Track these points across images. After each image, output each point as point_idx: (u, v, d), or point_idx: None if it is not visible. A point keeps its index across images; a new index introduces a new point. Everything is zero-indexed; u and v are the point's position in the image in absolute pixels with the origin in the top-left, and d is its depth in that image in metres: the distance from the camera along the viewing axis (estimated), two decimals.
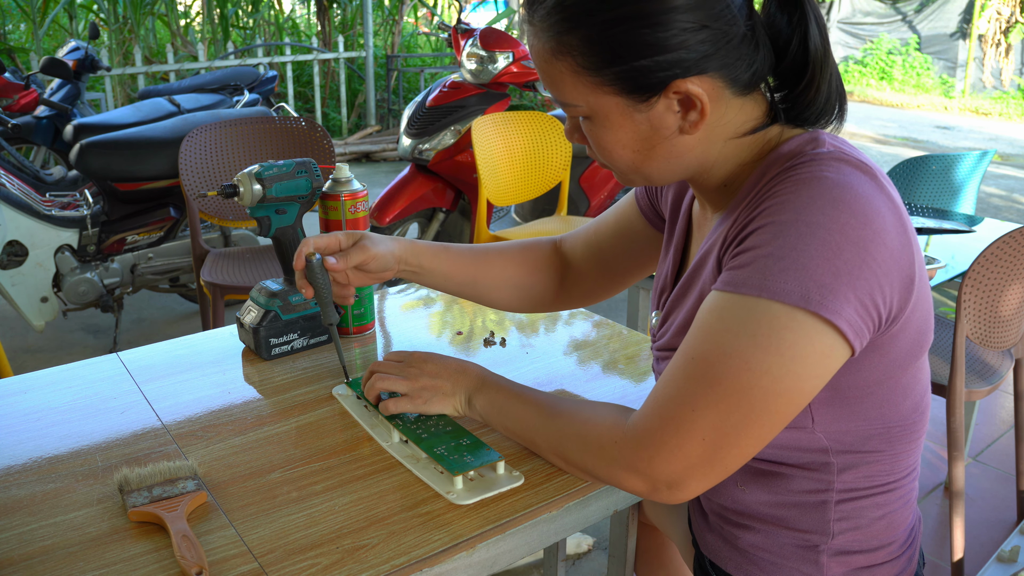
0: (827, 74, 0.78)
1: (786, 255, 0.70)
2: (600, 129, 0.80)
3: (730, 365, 0.71)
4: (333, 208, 1.19)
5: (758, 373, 0.70)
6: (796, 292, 0.69)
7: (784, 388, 0.71)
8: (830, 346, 0.71)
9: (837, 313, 0.69)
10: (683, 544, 1.14)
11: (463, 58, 3.09)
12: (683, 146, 0.79)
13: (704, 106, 0.75)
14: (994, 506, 2.19)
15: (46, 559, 0.75)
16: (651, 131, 0.78)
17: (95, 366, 1.14)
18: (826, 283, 0.69)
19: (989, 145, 7.93)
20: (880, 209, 0.71)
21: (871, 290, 0.70)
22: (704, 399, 0.72)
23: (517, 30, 8.99)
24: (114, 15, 7.12)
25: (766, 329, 0.70)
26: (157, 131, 2.85)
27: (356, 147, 6.56)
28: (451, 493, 0.84)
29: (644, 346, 1.23)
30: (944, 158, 2.78)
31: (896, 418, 0.82)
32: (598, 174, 3.46)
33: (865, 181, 0.73)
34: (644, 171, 0.82)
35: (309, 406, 1.04)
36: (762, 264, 0.71)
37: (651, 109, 0.76)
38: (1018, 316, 1.76)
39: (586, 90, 0.77)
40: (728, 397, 0.71)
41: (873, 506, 0.85)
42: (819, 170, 0.73)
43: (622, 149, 0.80)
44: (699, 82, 0.75)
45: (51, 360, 2.95)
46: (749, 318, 0.71)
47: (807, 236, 0.69)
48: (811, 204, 0.70)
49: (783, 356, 0.70)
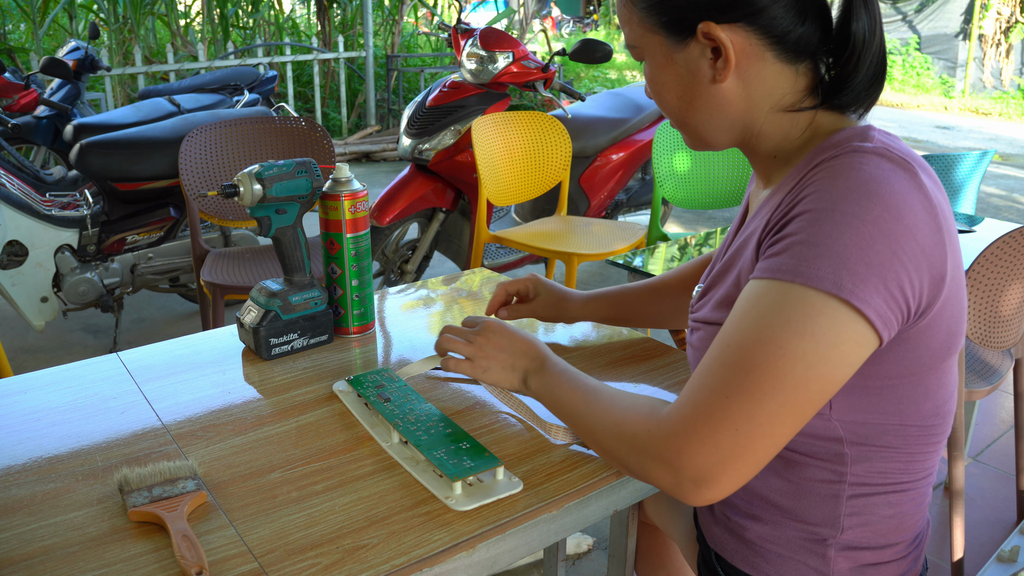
0: (867, 59, 0.80)
1: (821, 242, 0.71)
2: (652, 70, 0.86)
3: (765, 351, 0.71)
4: (333, 208, 1.19)
5: (792, 359, 0.70)
6: (829, 279, 0.70)
7: (818, 375, 0.71)
8: (862, 334, 0.71)
9: (867, 302, 0.70)
10: (684, 543, 1.14)
11: (463, 58, 3.09)
12: (720, 97, 0.83)
13: (729, 53, 0.79)
14: (994, 506, 2.19)
15: (46, 559, 0.75)
16: (688, 75, 0.83)
17: (95, 366, 1.14)
18: (858, 272, 0.70)
19: (989, 145, 7.93)
20: (913, 205, 0.72)
21: (900, 282, 0.71)
22: (738, 386, 0.72)
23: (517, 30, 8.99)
24: (114, 15, 7.12)
25: (801, 315, 0.71)
26: (157, 131, 2.85)
27: (356, 147, 6.56)
28: (450, 499, 0.84)
29: (644, 346, 1.23)
30: (944, 158, 2.78)
31: (915, 418, 0.81)
32: (598, 174, 3.46)
33: (903, 178, 0.74)
34: (690, 122, 0.87)
35: (309, 406, 1.04)
36: (797, 251, 0.72)
37: (686, 50, 0.82)
38: (1018, 316, 1.76)
39: (640, 29, 0.84)
40: (763, 384, 0.71)
41: (885, 504, 0.85)
42: (858, 162, 0.74)
43: (668, 93, 0.86)
44: (730, 31, 0.79)
45: (51, 360, 2.95)
46: (784, 304, 0.72)
47: (842, 225, 0.71)
48: (847, 195, 0.72)
49: (818, 342, 0.70)
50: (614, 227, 2.96)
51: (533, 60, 3.07)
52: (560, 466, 0.91)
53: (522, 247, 2.77)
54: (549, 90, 3.15)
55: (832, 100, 0.83)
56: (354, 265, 1.22)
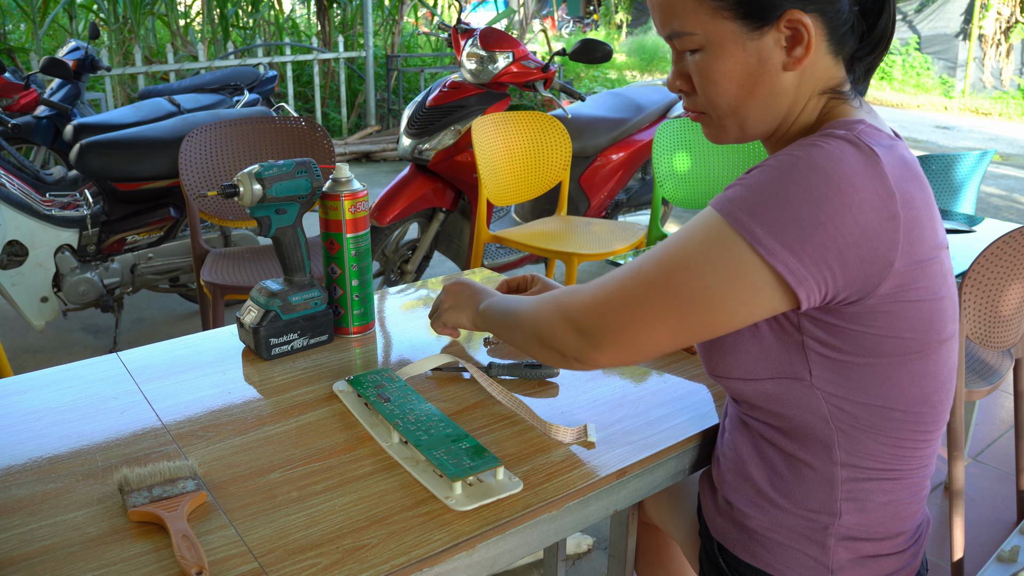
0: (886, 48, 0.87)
1: (753, 191, 0.77)
2: (711, 59, 0.84)
3: (673, 259, 0.80)
4: (333, 208, 1.19)
5: (690, 274, 0.79)
6: (745, 223, 0.76)
7: (708, 297, 0.79)
8: (763, 282, 0.77)
9: (772, 254, 0.75)
10: (685, 540, 1.14)
11: (463, 58, 3.08)
12: (781, 86, 0.84)
13: (810, 41, 0.81)
14: (994, 506, 2.19)
15: (46, 559, 0.75)
16: (758, 64, 0.83)
17: (95, 366, 1.14)
18: (774, 227, 0.75)
19: (989, 145, 7.93)
20: (861, 187, 0.75)
21: (824, 250, 0.75)
22: (642, 276, 0.81)
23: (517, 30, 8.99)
24: (114, 15, 7.12)
25: (712, 242, 0.78)
26: (157, 131, 2.85)
27: (356, 147, 6.56)
28: (450, 499, 0.84)
29: None
30: (944, 158, 2.78)
31: (899, 402, 0.84)
32: (598, 174, 3.46)
33: (858, 161, 0.77)
34: (742, 112, 0.87)
35: (309, 406, 1.04)
36: (734, 192, 0.79)
37: (762, 39, 0.82)
38: (1018, 316, 1.76)
39: (705, 16, 0.83)
40: (659, 280, 0.80)
41: (879, 491, 0.87)
42: (823, 142, 0.78)
43: (728, 82, 0.85)
44: (809, 18, 0.81)
45: (51, 360, 2.95)
46: (705, 227, 0.79)
47: (776, 183, 0.76)
48: (796, 163, 0.77)
49: (717, 271, 0.78)
50: (614, 227, 2.96)
51: (533, 60, 3.07)
52: (560, 466, 0.91)
53: (522, 247, 2.77)
54: (549, 90, 3.15)
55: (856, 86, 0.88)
56: (354, 265, 1.22)
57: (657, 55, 12.42)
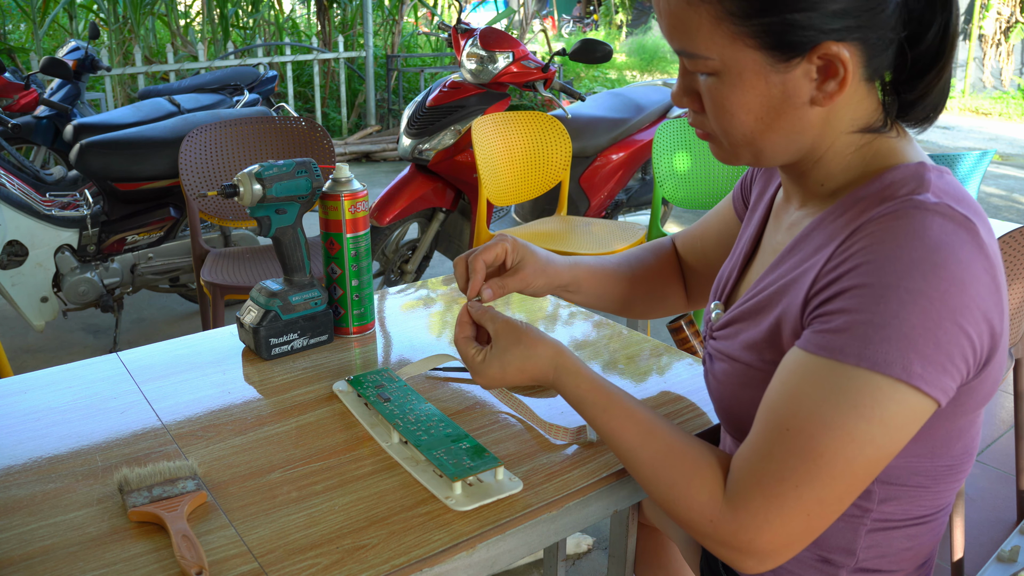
0: (949, 68, 0.74)
1: (887, 323, 0.67)
2: (727, 88, 0.74)
3: (833, 437, 0.68)
4: (333, 208, 1.19)
5: (862, 443, 0.68)
6: (898, 363, 0.67)
7: (886, 454, 0.70)
8: (926, 411, 0.70)
9: (935, 384, 0.68)
10: (685, 544, 1.14)
11: (463, 58, 3.08)
12: (807, 121, 0.75)
13: (847, 76, 0.71)
14: (994, 506, 2.19)
15: (46, 559, 0.75)
16: (782, 97, 0.73)
17: (95, 366, 1.14)
18: (928, 354, 0.67)
19: (989, 145, 7.92)
20: (978, 273, 0.68)
21: (965, 354, 0.69)
22: (807, 474, 0.69)
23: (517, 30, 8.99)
24: (114, 15, 7.12)
25: (869, 400, 0.67)
26: (157, 131, 2.85)
27: (356, 147, 6.56)
28: (450, 499, 0.84)
29: (644, 346, 1.23)
30: (944, 158, 2.78)
31: (946, 458, 0.80)
32: (598, 174, 3.46)
33: (966, 241, 0.69)
34: (758, 144, 0.77)
35: (309, 406, 1.04)
36: (861, 331, 0.68)
37: (789, 72, 0.71)
38: (1018, 316, 1.75)
39: (724, 41, 0.71)
40: (831, 468, 0.69)
41: (904, 537, 0.83)
42: (921, 227, 0.69)
43: (746, 114, 0.75)
44: (845, 48, 0.70)
45: (51, 360, 2.95)
46: (849, 387, 0.68)
47: (909, 304, 0.66)
48: (912, 269, 0.67)
49: (887, 426, 0.68)
50: (614, 227, 2.96)
51: (533, 60, 3.08)
52: (560, 466, 0.91)
53: None
54: (549, 90, 3.15)
55: (902, 118, 0.77)
56: (354, 265, 1.22)
57: (657, 55, 12.42)
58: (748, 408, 0.81)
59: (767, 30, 0.70)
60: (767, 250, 0.91)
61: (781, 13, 0.69)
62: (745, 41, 0.71)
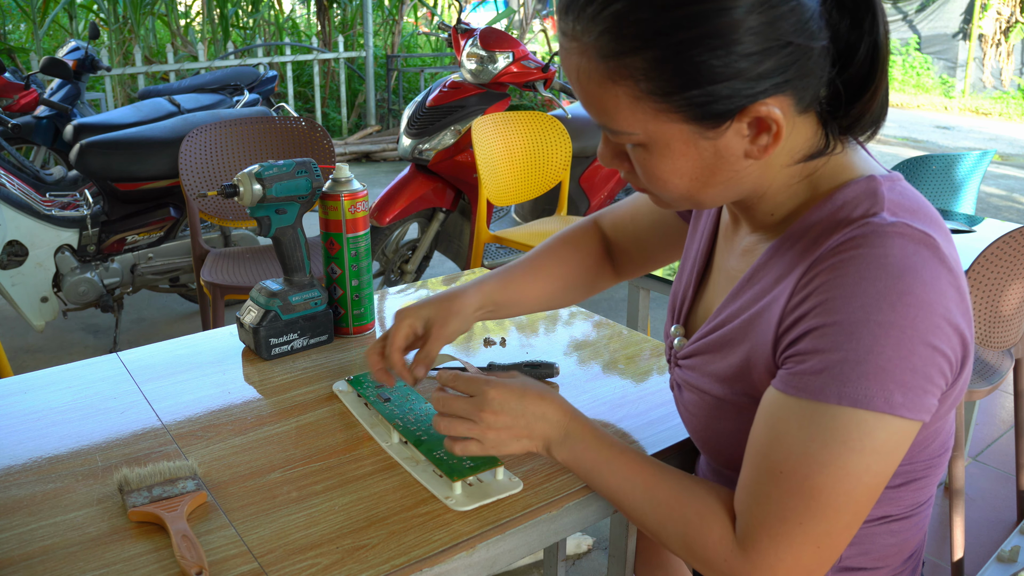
0: (885, 82, 0.73)
1: (863, 359, 0.67)
2: (656, 158, 0.73)
3: (828, 475, 0.69)
4: (333, 208, 1.19)
5: (857, 475, 0.69)
6: (880, 397, 0.67)
7: (883, 479, 0.71)
8: (912, 431, 0.70)
9: (918, 408, 0.68)
10: None
11: (463, 58, 3.09)
12: (744, 172, 0.74)
13: (780, 130, 0.69)
14: (994, 506, 2.19)
15: (46, 559, 0.75)
16: (715, 159, 0.72)
17: (95, 366, 1.14)
18: (907, 382, 0.67)
19: (989, 145, 7.93)
20: (944, 289, 0.68)
21: (943, 370, 0.69)
22: (808, 512, 0.70)
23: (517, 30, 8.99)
24: (114, 15, 7.12)
25: (856, 434, 0.68)
26: (157, 131, 2.85)
27: (356, 147, 6.56)
28: (450, 499, 0.84)
29: (644, 346, 1.23)
30: (944, 158, 2.78)
31: (923, 458, 0.80)
32: (598, 174, 3.46)
33: (928, 259, 0.68)
34: (696, 198, 0.76)
35: (309, 406, 1.04)
36: (837, 370, 0.68)
37: (720, 136, 0.70)
38: (1018, 316, 1.76)
39: (646, 117, 0.70)
40: (832, 503, 0.69)
41: (886, 533, 0.84)
42: (882, 251, 0.68)
43: (679, 178, 0.73)
44: (775, 103, 0.68)
45: (51, 360, 2.95)
46: (835, 426, 0.68)
47: (881, 337, 0.66)
48: (880, 300, 0.67)
49: (878, 453, 0.69)
50: None
51: (533, 60, 3.08)
52: (560, 466, 0.91)
53: (522, 247, 2.77)
54: (549, 90, 3.15)
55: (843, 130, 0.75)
56: (354, 265, 1.22)
57: None
58: (724, 438, 0.82)
59: (690, 103, 0.68)
60: (721, 272, 0.90)
61: (703, 86, 0.66)
62: (669, 116, 0.69)
